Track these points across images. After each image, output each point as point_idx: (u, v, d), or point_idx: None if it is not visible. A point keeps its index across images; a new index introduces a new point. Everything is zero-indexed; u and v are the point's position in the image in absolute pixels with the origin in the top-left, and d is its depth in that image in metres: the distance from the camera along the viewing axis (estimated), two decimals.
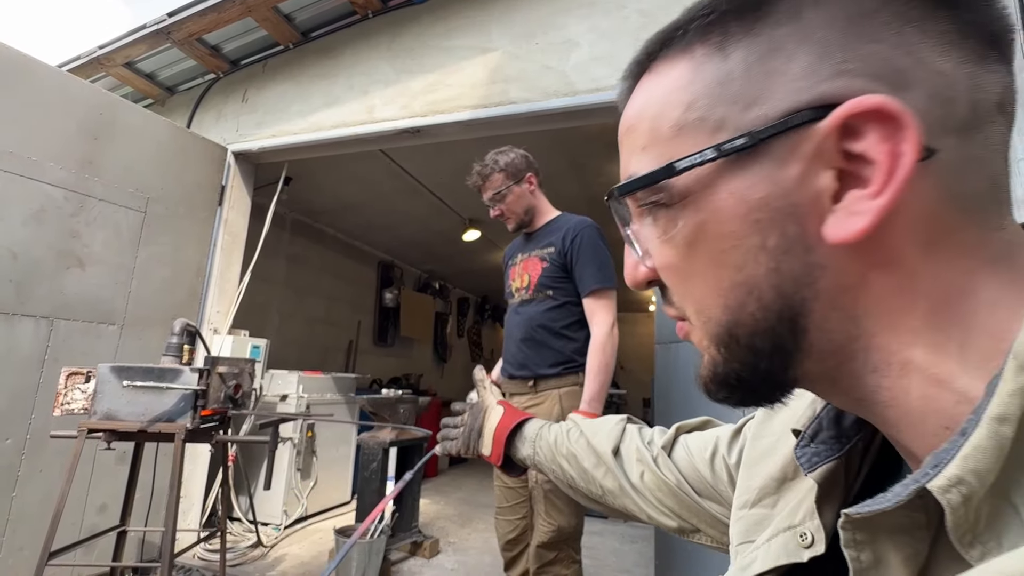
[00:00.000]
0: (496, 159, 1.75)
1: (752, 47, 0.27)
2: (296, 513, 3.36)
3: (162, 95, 3.47)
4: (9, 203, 2.15)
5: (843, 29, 0.25)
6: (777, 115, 0.25)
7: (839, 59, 0.24)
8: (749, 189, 0.26)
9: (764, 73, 0.26)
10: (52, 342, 2.26)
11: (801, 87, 0.25)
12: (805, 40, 0.25)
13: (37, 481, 2.19)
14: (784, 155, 0.25)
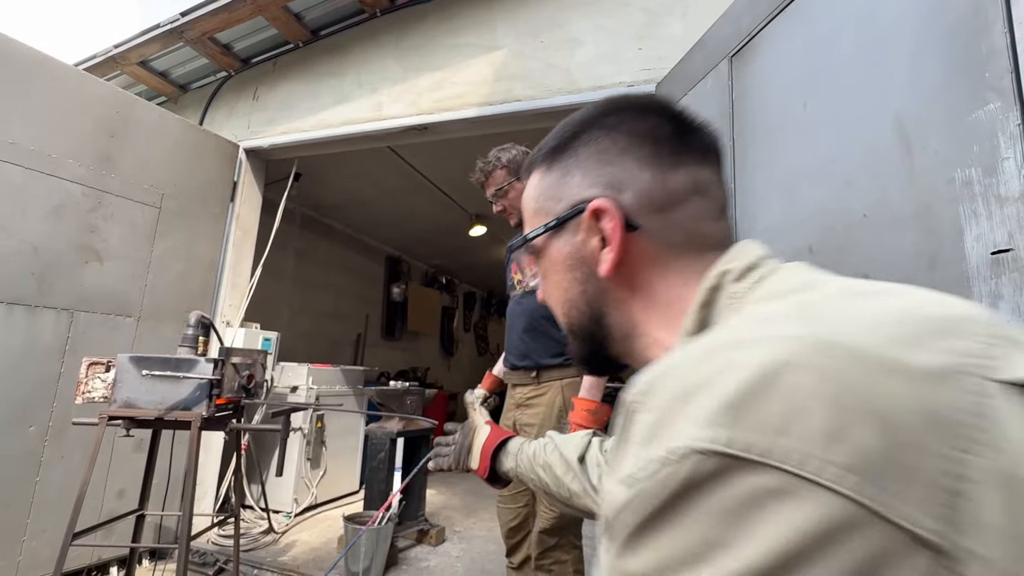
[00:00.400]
0: (499, 156, 1.79)
1: (559, 170, 0.47)
2: (306, 501, 3.45)
3: (175, 93, 3.55)
4: (31, 199, 2.23)
5: (595, 160, 0.44)
6: (566, 208, 0.45)
7: (592, 177, 0.44)
8: (562, 247, 0.46)
9: (563, 184, 0.46)
10: (72, 333, 2.35)
11: (576, 192, 0.45)
12: (578, 167, 0.45)
13: (59, 467, 2.28)
14: (573, 229, 0.45)
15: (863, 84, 1.12)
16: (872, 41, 1.11)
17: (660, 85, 2.17)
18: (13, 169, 2.17)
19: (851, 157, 1.13)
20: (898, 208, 1.01)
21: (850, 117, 1.15)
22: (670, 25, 2.29)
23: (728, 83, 1.63)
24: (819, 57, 1.26)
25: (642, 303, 0.43)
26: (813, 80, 1.27)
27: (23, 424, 2.18)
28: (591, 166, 0.44)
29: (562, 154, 0.47)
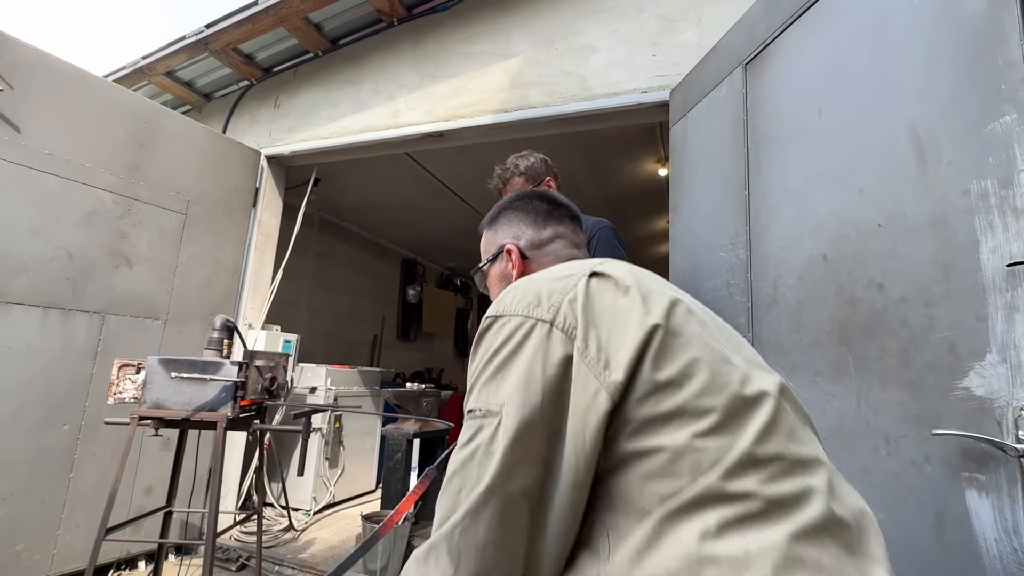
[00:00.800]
0: (517, 163, 1.82)
1: (492, 230, 0.88)
2: (324, 500, 3.52)
3: (199, 102, 3.65)
4: (66, 206, 2.32)
5: (507, 225, 0.86)
6: (496, 249, 0.85)
7: (506, 233, 0.85)
8: (496, 269, 0.85)
9: (495, 237, 0.87)
10: (104, 335, 2.44)
11: (500, 241, 0.85)
12: (501, 228, 0.86)
13: (91, 464, 2.37)
14: (502, 259, 0.84)
15: (877, 93, 1.12)
16: (886, 50, 1.11)
17: (674, 92, 2.18)
18: (50, 179, 2.27)
19: (865, 166, 1.14)
20: (913, 218, 1.02)
21: (864, 125, 1.16)
22: (684, 32, 2.30)
23: (742, 90, 1.64)
24: (834, 65, 1.26)
25: None
26: (828, 88, 1.28)
27: (58, 423, 2.27)
28: (506, 228, 0.87)
29: (495, 222, 0.89)
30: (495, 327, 0.57)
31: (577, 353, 0.52)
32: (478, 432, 0.52)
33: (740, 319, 1.52)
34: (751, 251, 1.51)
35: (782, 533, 0.43)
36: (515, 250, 0.82)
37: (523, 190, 0.95)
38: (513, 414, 0.50)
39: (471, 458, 0.51)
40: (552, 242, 0.83)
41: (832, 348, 1.17)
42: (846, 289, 1.15)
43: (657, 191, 4.68)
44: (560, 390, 0.51)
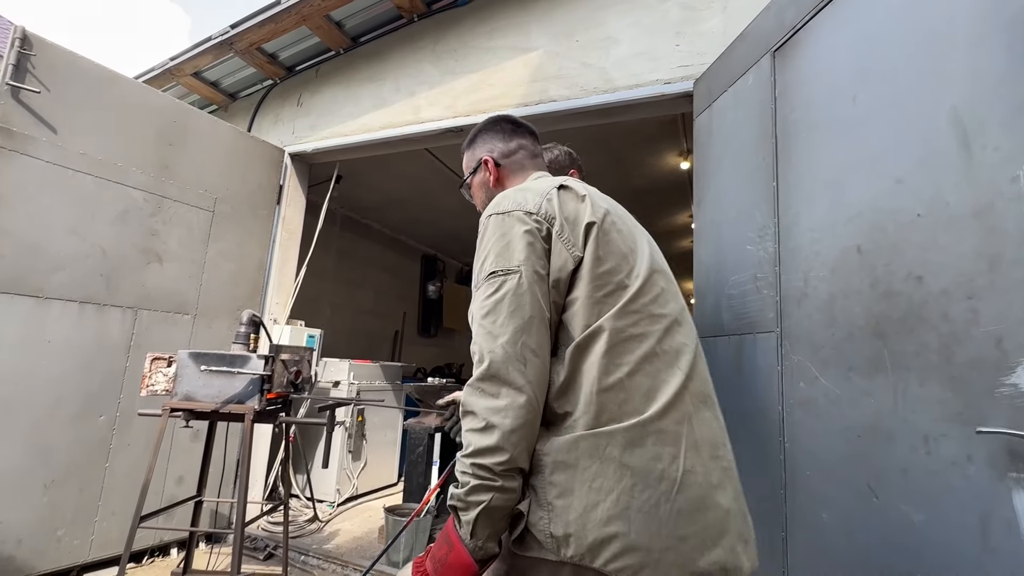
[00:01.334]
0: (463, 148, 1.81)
1: (471, 149, 1.15)
2: (348, 492, 3.58)
3: (225, 101, 3.73)
4: (100, 205, 2.40)
5: (481, 143, 1.13)
6: (476, 162, 1.12)
7: (482, 149, 1.12)
8: (479, 177, 1.12)
9: (474, 154, 1.14)
10: (136, 330, 2.52)
11: (478, 155, 1.12)
12: (477, 146, 1.13)
13: (125, 454, 2.45)
14: (482, 170, 1.11)
15: (917, 77, 1.07)
16: (927, 32, 1.06)
17: (699, 82, 2.14)
18: (85, 178, 2.34)
19: (904, 153, 1.09)
20: (956, 207, 0.97)
21: (902, 111, 1.11)
22: (709, 20, 2.24)
23: (770, 78, 1.59)
24: (870, 49, 1.21)
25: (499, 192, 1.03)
26: (863, 73, 1.23)
27: (94, 414, 2.36)
28: (481, 145, 1.12)
29: (472, 143, 1.14)
30: (498, 218, 0.86)
31: (555, 234, 0.84)
32: (504, 283, 0.80)
33: (768, 313, 1.48)
34: (780, 244, 1.47)
35: (648, 344, 0.81)
36: (490, 160, 1.10)
37: (492, 116, 1.17)
38: (527, 270, 0.80)
39: (503, 299, 0.78)
40: (517, 152, 1.11)
41: (867, 343, 1.13)
42: (882, 282, 1.11)
43: (679, 185, 4.61)
44: (547, 254, 0.83)
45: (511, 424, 0.72)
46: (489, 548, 0.73)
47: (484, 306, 0.79)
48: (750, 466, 1.52)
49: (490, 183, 1.09)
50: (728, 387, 1.68)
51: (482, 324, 0.78)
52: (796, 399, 1.34)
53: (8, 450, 2.09)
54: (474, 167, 1.12)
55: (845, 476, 1.15)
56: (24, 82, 2.17)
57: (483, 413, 0.73)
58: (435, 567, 0.75)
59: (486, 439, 0.72)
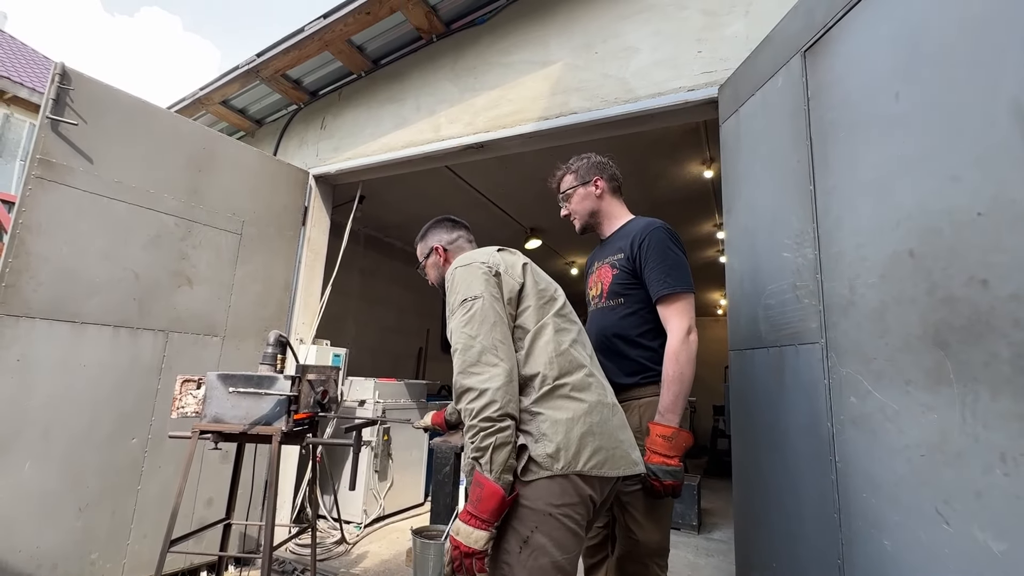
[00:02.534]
0: (571, 162, 1.81)
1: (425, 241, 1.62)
2: (375, 513, 3.54)
3: (252, 127, 3.83)
4: (133, 231, 2.46)
5: (431, 236, 1.60)
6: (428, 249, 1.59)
7: (432, 240, 1.59)
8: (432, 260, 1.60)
9: (427, 244, 1.60)
10: (168, 352, 2.56)
11: (430, 244, 1.59)
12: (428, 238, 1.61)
13: (157, 475, 2.47)
14: (434, 254, 1.57)
15: (968, 68, 1.01)
16: (978, 20, 1.00)
17: (723, 88, 2.09)
18: (119, 205, 2.41)
19: (957, 149, 1.02)
20: (1023, 204, 0.90)
21: (953, 105, 1.04)
22: (731, 25, 2.20)
23: (802, 79, 1.53)
24: (912, 43, 1.15)
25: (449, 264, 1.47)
26: (905, 68, 1.16)
27: (127, 436, 2.39)
28: (431, 237, 1.59)
29: (425, 236, 1.61)
30: (462, 270, 1.23)
31: (502, 272, 1.24)
32: (473, 305, 1.15)
33: (811, 323, 1.40)
34: (820, 250, 1.40)
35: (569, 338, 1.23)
36: (440, 247, 1.54)
37: (436, 217, 1.61)
38: (487, 294, 1.17)
39: (475, 314, 1.14)
40: (457, 239, 1.56)
41: (926, 353, 1.04)
42: (940, 287, 1.03)
43: (702, 194, 4.52)
44: (499, 285, 1.21)
45: (497, 384, 1.06)
46: (506, 479, 1.03)
47: (462, 321, 1.14)
48: (797, 485, 1.42)
49: (440, 263, 1.54)
50: (769, 401, 1.59)
51: (463, 332, 1.12)
52: (847, 415, 1.25)
53: (46, 474, 2.13)
54: (427, 253, 1.57)
55: (909, 499, 1.06)
56: (63, 115, 2.25)
57: (476, 385, 1.06)
58: (474, 505, 1.02)
59: (482, 400, 1.04)
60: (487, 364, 1.07)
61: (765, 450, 1.60)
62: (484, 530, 1.00)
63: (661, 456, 1.39)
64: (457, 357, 1.11)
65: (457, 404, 1.09)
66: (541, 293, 1.25)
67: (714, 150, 3.78)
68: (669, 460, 1.39)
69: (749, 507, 1.69)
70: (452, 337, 1.15)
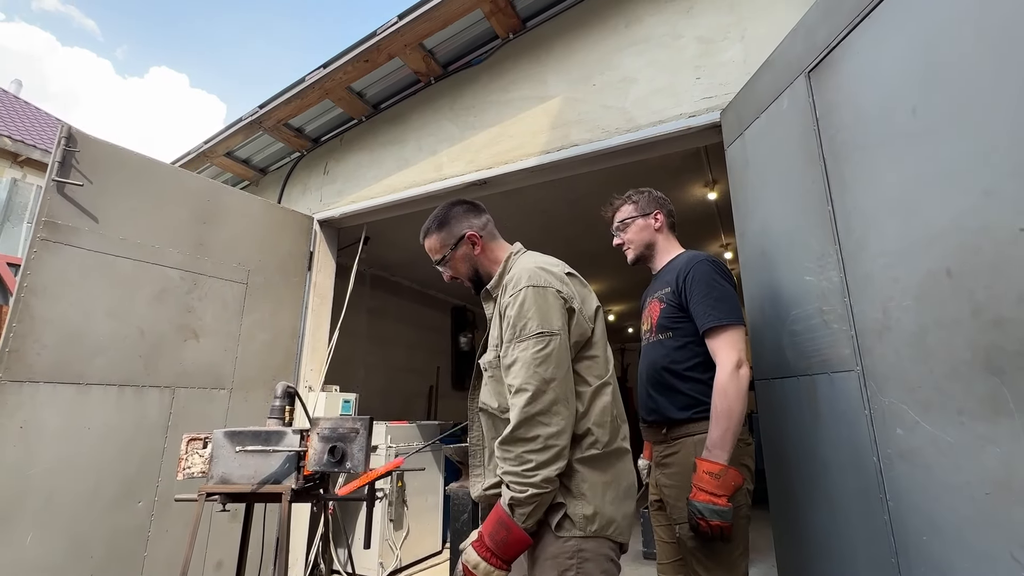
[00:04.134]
0: (630, 193, 1.82)
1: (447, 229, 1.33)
2: (391, 565, 3.38)
3: (256, 176, 3.87)
4: (138, 287, 2.44)
5: (456, 222, 1.33)
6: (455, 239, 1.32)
7: (460, 226, 1.32)
8: (463, 251, 1.31)
9: (452, 233, 1.32)
10: (174, 408, 2.49)
11: (458, 232, 1.32)
12: (452, 225, 1.33)
13: (164, 540, 2.37)
14: (464, 244, 1.31)
15: (993, 78, 0.97)
16: (1000, 27, 0.97)
17: (725, 112, 2.07)
18: (124, 262, 2.40)
19: (988, 163, 0.97)
20: None
21: (978, 117, 1.00)
22: (727, 50, 2.21)
23: (808, 100, 1.51)
24: (927, 56, 1.12)
25: (488, 262, 1.31)
26: (921, 82, 1.13)
27: (133, 500, 2.30)
28: (456, 224, 1.32)
29: (445, 223, 1.32)
30: (537, 291, 1.11)
31: (577, 311, 1.15)
32: (550, 342, 1.07)
33: (843, 349, 1.33)
34: (845, 272, 1.34)
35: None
36: (475, 234, 1.30)
37: (449, 200, 1.38)
38: (563, 335, 1.09)
39: (551, 354, 1.06)
40: (488, 225, 1.34)
41: (979, 380, 0.97)
42: (986, 308, 0.96)
43: (707, 216, 4.49)
44: (569, 323, 1.12)
45: (563, 443, 1.03)
46: (533, 526, 1.04)
47: (536, 357, 1.05)
48: (844, 525, 1.32)
49: (475, 253, 1.30)
50: (803, 434, 1.50)
51: (536, 371, 1.04)
52: (895, 448, 1.16)
53: (48, 546, 2.04)
54: (454, 243, 1.30)
55: (977, 543, 0.97)
56: (69, 177, 2.27)
57: (544, 438, 1.02)
58: (497, 546, 1.01)
59: (546, 455, 1.01)
60: (557, 415, 1.02)
61: (803, 485, 1.50)
62: (502, 570, 1.02)
63: (708, 494, 1.30)
64: (522, 397, 1.03)
65: (510, 446, 1.03)
66: (604, 348, 1.19)
67: (717, 172, 3.77)
68: (717, 499, 1.30)
69: (791, 547, 1.57)
70: (514, 366, 1.06)
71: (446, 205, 1.35)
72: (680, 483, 1.47)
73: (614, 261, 6.05)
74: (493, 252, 1.32)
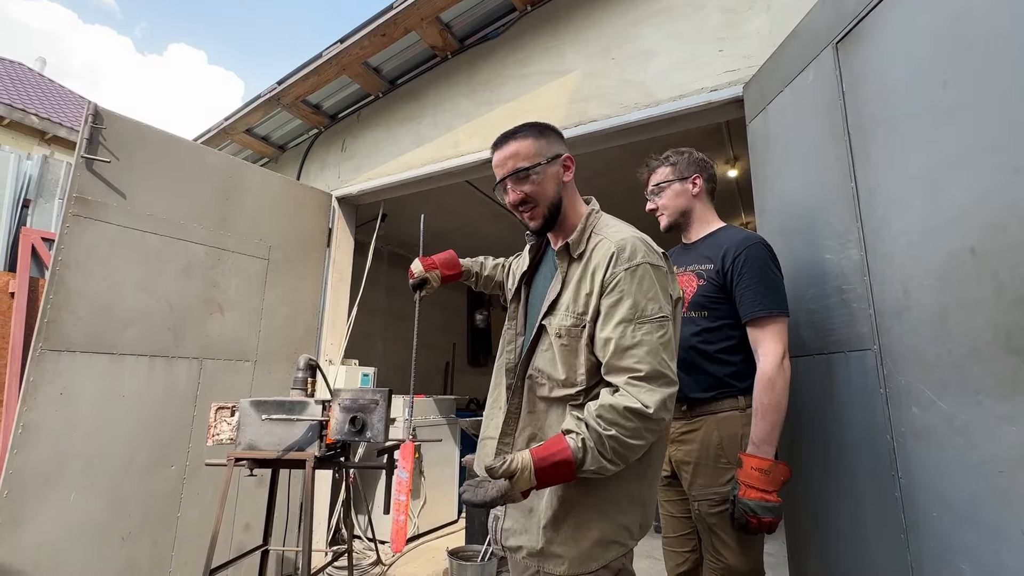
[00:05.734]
0: (667, 155, 1.69)
1: (546, 139, 1.15)
2: (409, 532, 3.51)
3: (275, 153, 3.91)
4: (166, 261, 2.52)
5: (556, 141, 1.18)
6: (552, 154, 1.14)
7: (558, 147, 1.17)
8: (554, 169, 1.14)
9: (549, 146, 1.15)
10: (202, 379, 2.60)
11: (556, 149, 1.16)
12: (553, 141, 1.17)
13: (195, 503, 2.50)
14: (557, 163, 1.14)
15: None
16: None
17: (748, 86, 2.02)
18: (151, 237, 2.47)
19: (1020, 139, 0.95)
20: None
21: (1012, 91, 0.97)
22: (752, 21, 2.14)
23: (835, 73, 1.46)
24: (959, 28, 1.08)
25: (570, 204, 1.18)
26: (952, 55, 1.09)
27: (166, 465, 2.42)
28: (555, 143, 1.16)
29: (544, 133, 1.15)
30: (655, 269, 1.05)
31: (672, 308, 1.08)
32: (666, 327, 1.02)
33: (862, 328, 1.32)
34: (866, 251, 1.32)
35: None
36: (572, 160, 1.18)
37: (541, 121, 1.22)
38: (671, 318, 1.05)
39: (669, 340, 1.02)
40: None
41: (998, 360, 0.96)
42: (1009, 288, 0.95)
43: (727, 193, 4.41)
44: None
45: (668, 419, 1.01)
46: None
47: (663, 342, 1.00)
48: (855, 501, 1.33)
49: (563, 179, 1.15)
50: (818, 412, 1.51)
51: (663, 358, 0.99)
52: (909, 427, 1.16)
53: (90, 505, 2.17)
54: (551, 157, 1.12)
55: (988, 520, 0.97)
56: (96, 153, 2.33)
57: (664, 426, 1.01)
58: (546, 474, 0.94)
59: (652, 439, 0.99)
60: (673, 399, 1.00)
61: (816, 463, 1.51)
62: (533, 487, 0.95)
63: (759, 492, 1.30)
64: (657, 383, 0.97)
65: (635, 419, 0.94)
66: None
67: (738, 149, 3.68)
68: (768, 496, 1.29)
69: (802, 524, 1.59)
70: (637, 349, 0.98)
71: (541, 123, 1.18)
72: (699, 459, 1.47)
73: None
74: (575, 198, 1.19)
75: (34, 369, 2.09)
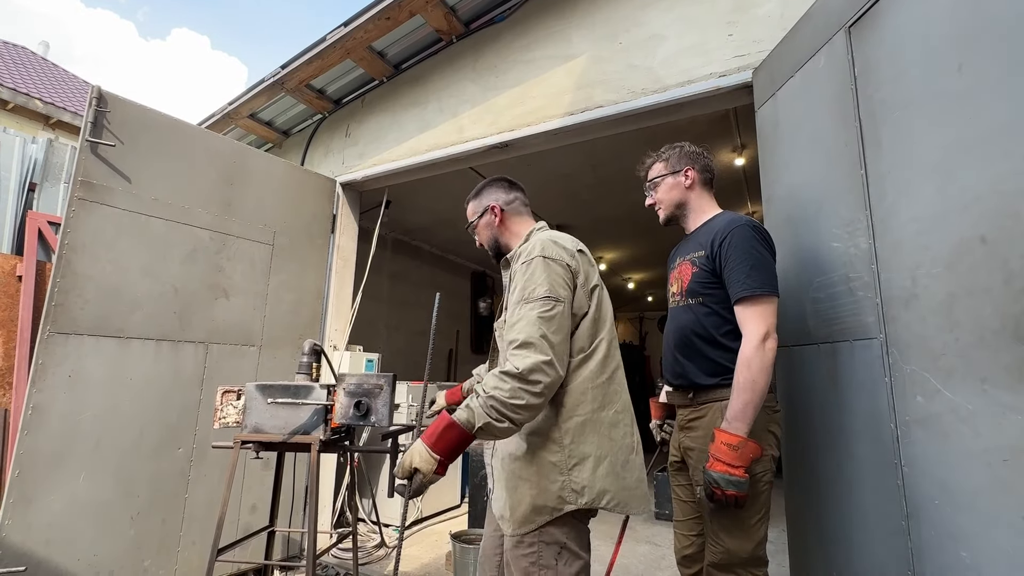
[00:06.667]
0: (662, 150, 1.73)
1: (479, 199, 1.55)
2: (412, 515, 3.56)
3: (279, 139, 3.90)
4: (171, 246, 2.53)
5: (487, 194, 1.53)
6: (483, 209, 1.52)
7: (488, 199, 1.52)
8: (486, 220, 1.51)
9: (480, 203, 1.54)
10: (208, 363, 2.62)
11: (485, 203, 1.52)
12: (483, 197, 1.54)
13: (203, 484, 2.54)
14: (488, 214, 1.50)
15: None
16: None
17: (758, 71, 1.99)
18: (157, 222, 2.48)
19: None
20: None
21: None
22: (763, 4, 2.10)
23: (847, 57, 1.44)
24: (974, 11, 1.06)
25: (509, 234, 1.49)
26: (967, 39, 1.07)
27: (173, 447, 2.45)
28: (486, 196, 1.51)
29: (479, 195, 1.53)
30: (547, 262, 1.23)
31: (579, 286, 1.26)
32: (555, 306, 1.18)
33: (867, 317, 1.31)
34: (875, 239, 1.31)
35: None
36: (497, 206, 1.47)
37: (492, 176, 1.54)
38: (567, 303, 1.21)
39: (555, 317, 1.17)
40: (514, 201, 1.49)
41: (1005, 349, 0.95)
42: (1019, 276, 0.94)
43: (733, 182, 4.37)
44: (573, 295, 1.24)
45: (547, 398, 1.15)
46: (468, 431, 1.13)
47: (543, 316, 1.16)
48: (857, 490, 1.34)
49: (495, 224, 1.48)
50: (822, 401, 1.51)
51: (541, 327, 1.14)
52: (913, 416, 1.16)
53: (100, 485, 2.21)
54: (481, 212, 1.49)
55: (989, 508, 0.98)
56: (101, 137, 2.33)
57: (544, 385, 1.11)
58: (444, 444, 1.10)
59: (538, 400, 1.11)
60: (555, 368, 1.13)
61: (818, 451, 1.51)
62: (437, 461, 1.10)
63: (725, 465, 1.31)
64: (527, 348, 1.12)
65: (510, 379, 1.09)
66: (601, 319, 1.29)
67: (746, 137, 3.64)
68: (733, 470, 1.30)
69: (803, 512, 1.60)
70: (518, 323, 1.16)
71: (488, 179, 1.54)
72: (704, 446, 1.48)
73: (634, 228, 5.97)
74: (516, 226, 1.48)
75: (43, 352, 2.11)
